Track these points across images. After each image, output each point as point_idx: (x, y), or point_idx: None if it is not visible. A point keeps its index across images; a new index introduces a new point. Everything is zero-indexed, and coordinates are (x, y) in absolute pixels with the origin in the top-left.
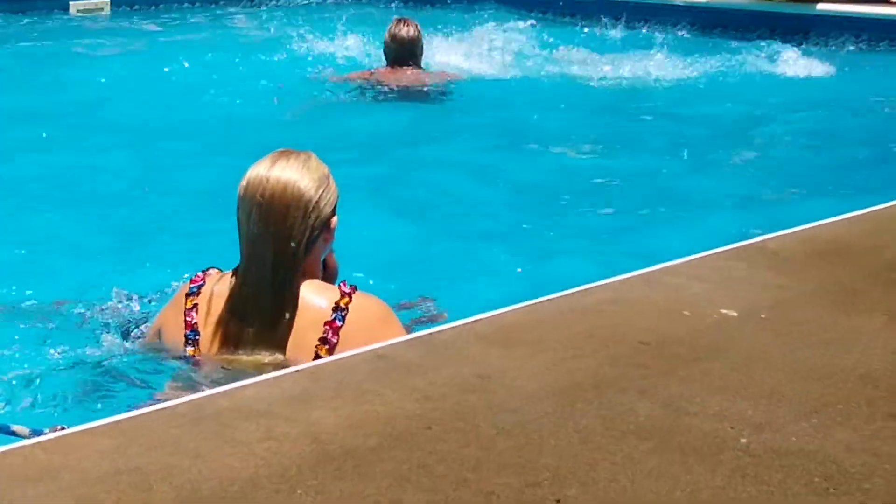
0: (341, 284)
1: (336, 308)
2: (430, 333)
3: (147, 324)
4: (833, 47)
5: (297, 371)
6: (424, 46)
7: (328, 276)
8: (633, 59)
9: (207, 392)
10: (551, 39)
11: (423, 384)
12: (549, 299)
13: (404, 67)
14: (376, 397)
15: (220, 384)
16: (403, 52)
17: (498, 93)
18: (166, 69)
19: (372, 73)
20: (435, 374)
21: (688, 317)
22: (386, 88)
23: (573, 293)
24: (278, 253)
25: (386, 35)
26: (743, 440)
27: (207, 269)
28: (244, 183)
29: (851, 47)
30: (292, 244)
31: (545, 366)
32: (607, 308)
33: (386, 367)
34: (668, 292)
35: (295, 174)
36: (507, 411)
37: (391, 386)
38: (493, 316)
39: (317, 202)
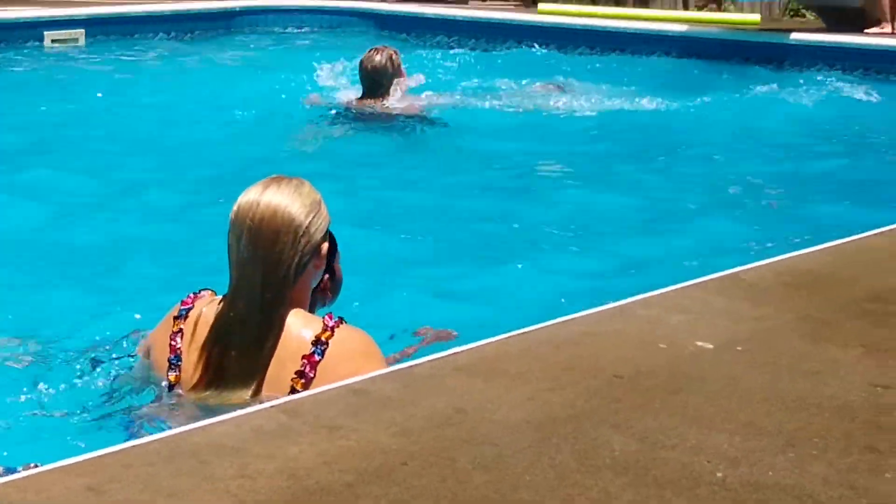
0: (326, 316)
1: (316, 342)
2: (408, 367)
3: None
4: (808, 76)
5: (272, 406)
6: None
7: (333, 286)
8: (609, 88)
9: (183, 428)
10: (529, 69)
11: (400, 418)
12: (524, 332)
13: (376, 96)
14: (352, 432)
15: (198, 419)
16: (371, 81)
17: (471, 122)
18: (142, 98)
19: (349, 97)
20: (412, 408)
21: (664, 349)
22: (356, 114)
23: (549, 325)
24: (267, 277)
25: (359, 63)
26: (719, 474)
27: (200, 291)
28: (235, 208)
29: (826, 76)
30: (281, 269)
31: (522, 399)
32: (583, 340)
33: (363, 402)
34: (644, 324)
35: (286, 199)
36: (484, 445)
37: (368, 420)
38: (470, 349)
39: (307, 228)
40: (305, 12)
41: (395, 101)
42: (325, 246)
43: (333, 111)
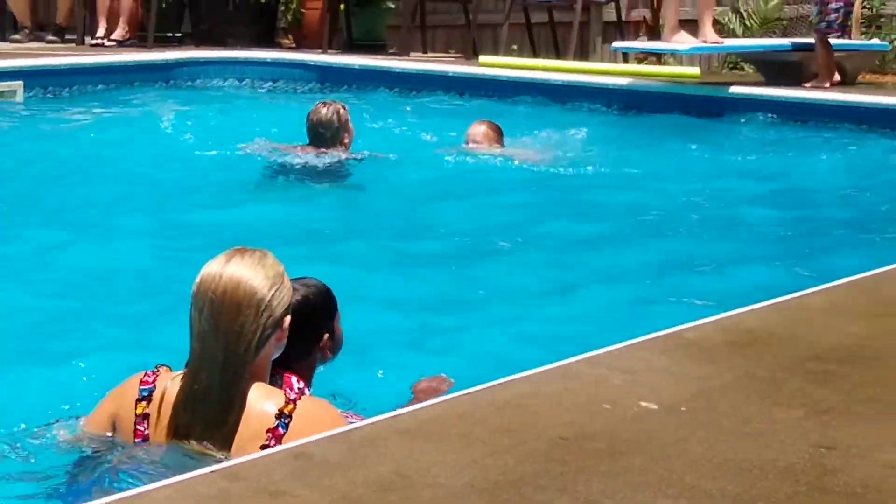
0: (288, 389)
1: (280, 415)
2: (350, 430)
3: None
4: (747, 129)
5: (212, 471)
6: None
7: (334, 345)
8: (550, 140)
9: (120, 495)
10: (471, 121)
11: (342, 483)
12: (467, 393)
13: (323, 147)
14: (294, 498)
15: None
16: (317, 133)
17: (414, 173)
18: (80, 151)
19: (294, 148)
20: (354, 472)
21: (608, 410)
22: (300, 165)
23: (492, 386)
24: (228, 351)
25: (306, 116)
26: None
27: (157, 368)
28: (198, 280)
29: (765, 129)
30: (242, 344)
31: (465, 463)
32: (527, 401)
33: (305, 466)
34: (588, 385)
35: (249, 272)
36: None
37: (309, 486)
38: (412, 411)
39: (269, 301)
40: (246, 64)
41: (341, 152)
42: (288, 319)
43: (278, 161)
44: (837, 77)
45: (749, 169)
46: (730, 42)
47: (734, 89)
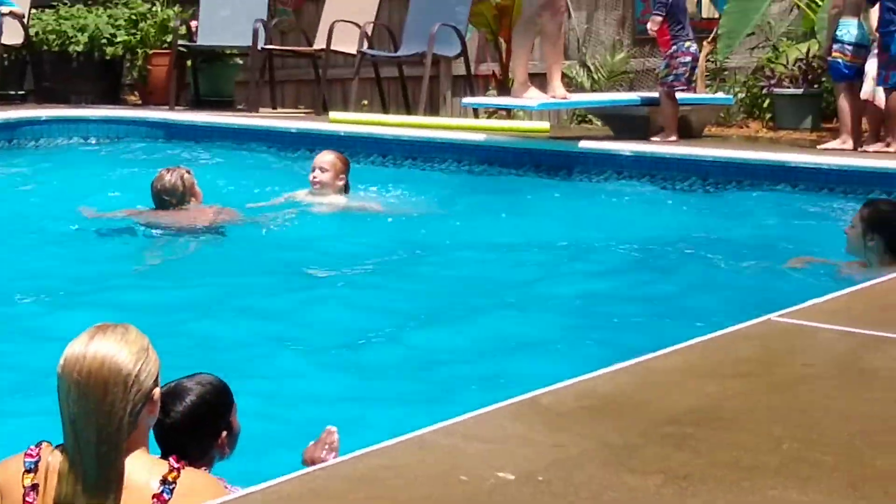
0: (171, 458)
1: (164, 481)
2: (227, 501)
3: None
4: (597, 184)
5: None
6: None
7: (231, 440)
8: (401, 196)
9: None
10: None
11: None
12: (321, 468)
13: (169, 209)
14: None
15: None
16: (161, 200)
17: (261, 233)
18: None
19: (140, 212)
20: None
21: (464, 482)
22: (145, 226)
23: (346, 460)
24: (101, 431)
25: (151, 184)
26: None
27: (39, 444)
28: (62, 362)
29: (615, 184)
30: (114, 422)
31: None
32: (382, 475)
33: None
34: (444, 455)
35: (112, 349)
36: None
37: None
38: (266, 487)
39: (136, 375)
40: (91, 122)
41: (186, 215)
42: (157, 391)
43: (123, 224)
44: (667, 134)
45: (599, 224)
46: (578, 97)
47: (583, 144)
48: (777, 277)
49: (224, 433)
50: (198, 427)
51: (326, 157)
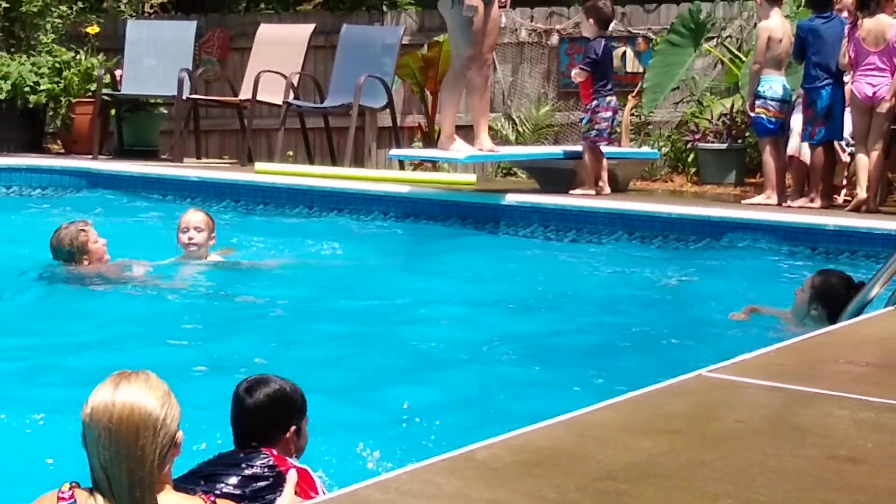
0: (202, 494)
1: None
2: None
3: None
4: (522, 238)
5: None
6: None
7: (298, 442)
8: (327, 249)
9: None
10: (247, 228)
11: None
12: None
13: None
14: None
15: None
16: (56, 253)
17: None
18: None
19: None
20: None
21: None
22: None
23: None
24: (133, 475)
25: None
26: None
27: (69, 485)
28: (88, 410)
29: (540, 237)
30: (146, 465)
31: None
32: None
33: None
34: None
35: (139, 395)
36: None
37: None
38: None
39: (164, 420)
40: (13, 171)
41: (89, 265)
42: (181, 434)
43: (45, 274)
44: (607, 189)
45: (526, 277)
46: (505, 150)
47: (509, 197)
48: (705, 331)
49: (293, 429)
50: (273, 413)
51: (198, 217)
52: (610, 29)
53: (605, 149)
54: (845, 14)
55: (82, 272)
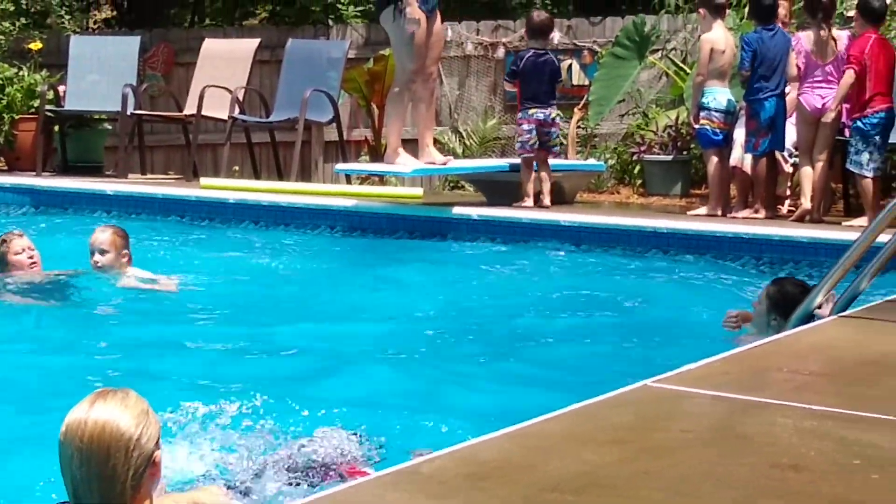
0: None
1: None
2: None
3: None
4: (470, 251)
5: None
6: None
7: None
8: (274, 263)
9: None
10: (192, 245)
11: None
12: None
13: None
14: None
15: None
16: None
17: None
18: None
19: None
20: None
21: None
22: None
23: None
24: (104, 496)
25: None
26: None
27: None
28: (63, 429)
29: (487, 250)
30: (117, 485)
31: None
32: None
33: None
34: None
35: (114, 413)
36: None
37: None
38: None
39: (138, 439)
40: None
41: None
42: (159, 453)
43: None
44: (547, 201)
45: (473, 289)
46: (450, 163)
47: (456, 210)
48: (652, 340)
49: None
50: None
51: (103, 236)
52: (556, 41)
53: (552, 161)
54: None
55: (5, 280)
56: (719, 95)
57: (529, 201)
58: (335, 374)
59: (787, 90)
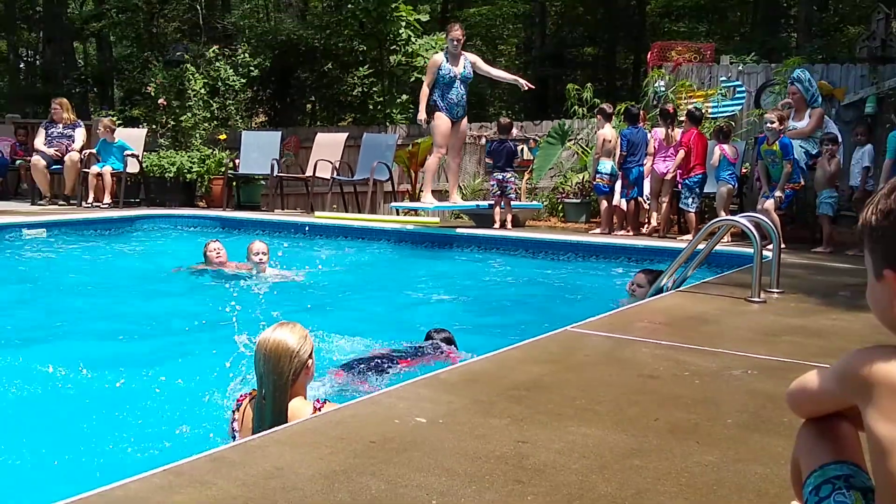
0: (316, 401)
1: (315, 411)
2: (245, 442)
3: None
4: (466, 254)
5: (163, 470)
6: None
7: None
8: (357, 259)
9: (107, 487)
10: (314, 251)
11: (242, 475)
12: (312, 418)
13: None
14: (213, 486)
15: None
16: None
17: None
18: (85, 270)
19: (200, 266)
20: (250, 467)
21: (397, 424)
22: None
23: (329, 411)
24: (276, 383)
25: None
26: (434, 501)
27: (246, 393)
28: (257, 344)
29: (478, 254)
30: (283, 378)
31: (314, 459)
32: (350, 420)
33: (218, 466)
34: (385, 408)
35: (284, 336)
36: (293, 490)
37: (223, 477)
38: (282, 428)
39: (297, 351)
40: (178, 217)
41: (210, 265)
42: (311, 361)
43: (212, 273)
44: (509, 225)
45: (469, 278)
46: (459, 203)
47: (459, 230)
48: (570, 304)
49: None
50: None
51: (261, 246)
52: (514, 134)
53: (514, 202)
54: (641, 124)
55: (207, 269)
56: (607, 165)
57: (497, 225)
58: (398, 316)
59: (645, 162)
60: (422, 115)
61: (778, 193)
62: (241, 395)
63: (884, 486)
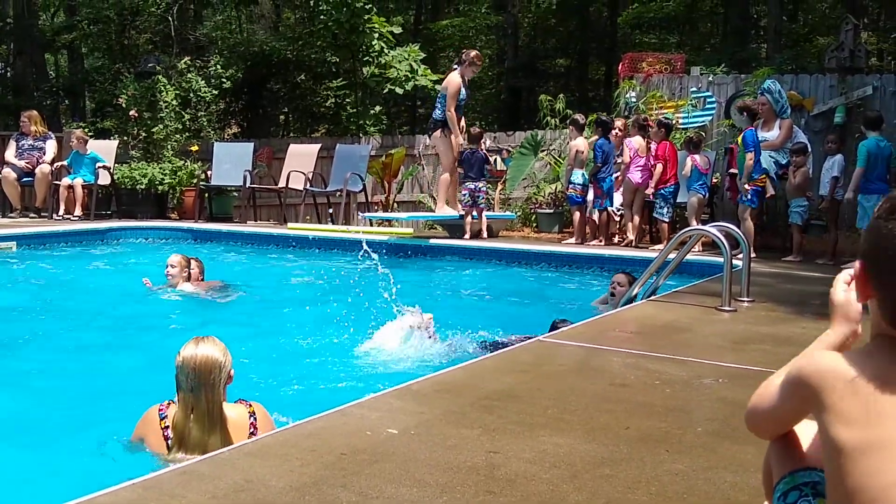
0: (240, 401)
1: (250, 414)
2: (214, 455)
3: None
4: (439, 262)
5: (132, 483)
6: None
7: None
8: (330, 268)
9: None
10: (278, 263)
11: (212, 488)
12: (285, 429)
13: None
14: (182, 498)
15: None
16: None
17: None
18: (56, 283)
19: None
20: (221, 480)
21: (369, 435)
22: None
23: (298, 423)
24: (208, 396)
25: None
26: None
27: (164, 403)
28: (180, 358)
29: (452, 263)
30: (216, 390)
31: (285, 472)
32: (321, 431)
33: (188, 479)
34: (356, 419)
35: (211, 350)
36: (264, 503)
37: (195, 490)
38: (253, 441)
39: (224, 364)
40: (150, 229)
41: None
42: (233, 371)
43: (159, 294)
44: (485, 234)
45: (440, 283)
46: (432, 214)
47: (432, 241)
48: (541, 315)
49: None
50: None
51: (174, 258)
52: (487, 144)
53: (486, 212)
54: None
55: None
56: (579, 176)
57: (468, 236)
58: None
59: (616, 174)
60: (461, 139)
61: (746, 186)
62: (161, 405)
63: (834, 486)
